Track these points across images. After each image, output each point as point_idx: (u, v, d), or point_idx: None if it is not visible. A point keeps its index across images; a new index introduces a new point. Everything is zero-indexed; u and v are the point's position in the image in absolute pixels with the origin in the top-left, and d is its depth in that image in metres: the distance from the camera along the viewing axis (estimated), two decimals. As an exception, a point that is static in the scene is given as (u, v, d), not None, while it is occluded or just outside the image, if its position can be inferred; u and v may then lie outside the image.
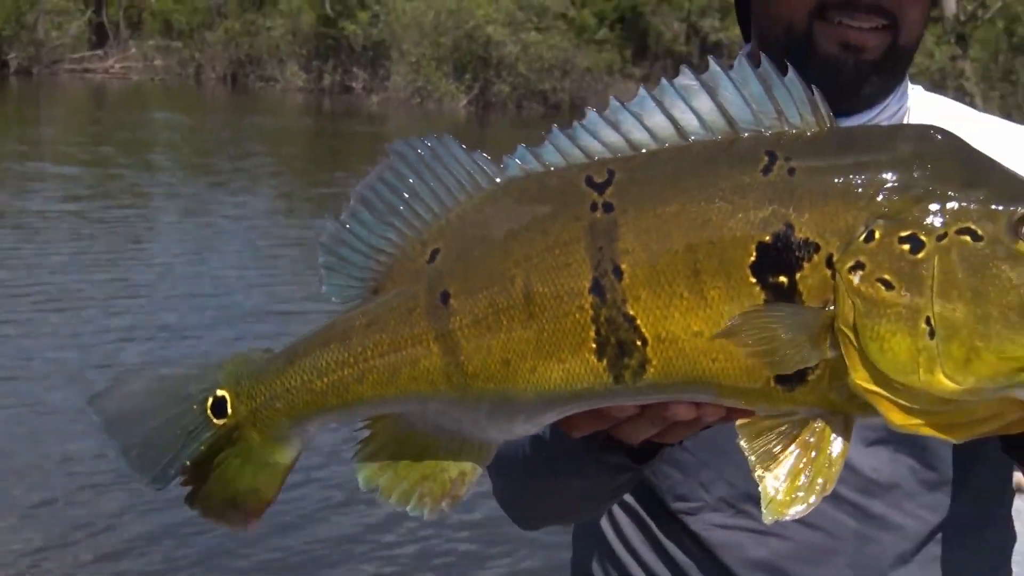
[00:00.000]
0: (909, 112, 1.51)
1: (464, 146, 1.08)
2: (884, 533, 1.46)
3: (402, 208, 1.08)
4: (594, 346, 1.01)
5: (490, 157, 1.08)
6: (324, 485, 5.90)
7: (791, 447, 0.98)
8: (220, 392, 1.12)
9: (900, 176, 0.97)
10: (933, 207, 0.95)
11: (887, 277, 0.94)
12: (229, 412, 1.12)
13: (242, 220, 14.10)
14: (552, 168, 1.05)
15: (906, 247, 0.95)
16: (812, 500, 0.96)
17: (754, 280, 0.97)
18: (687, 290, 0.99)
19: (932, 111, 1.52)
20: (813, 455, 0.97)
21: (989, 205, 0.95)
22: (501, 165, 1.07)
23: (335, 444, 5.62)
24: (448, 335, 1.05)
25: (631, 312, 1.00)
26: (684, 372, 1.00)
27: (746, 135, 1.00)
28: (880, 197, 0.96)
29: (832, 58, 1.39)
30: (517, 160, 1.06)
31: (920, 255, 0.94)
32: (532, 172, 1.06)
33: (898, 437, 1.45)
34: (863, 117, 1.44)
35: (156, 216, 14.24)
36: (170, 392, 1.13)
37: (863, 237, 0.95)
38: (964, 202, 0.95)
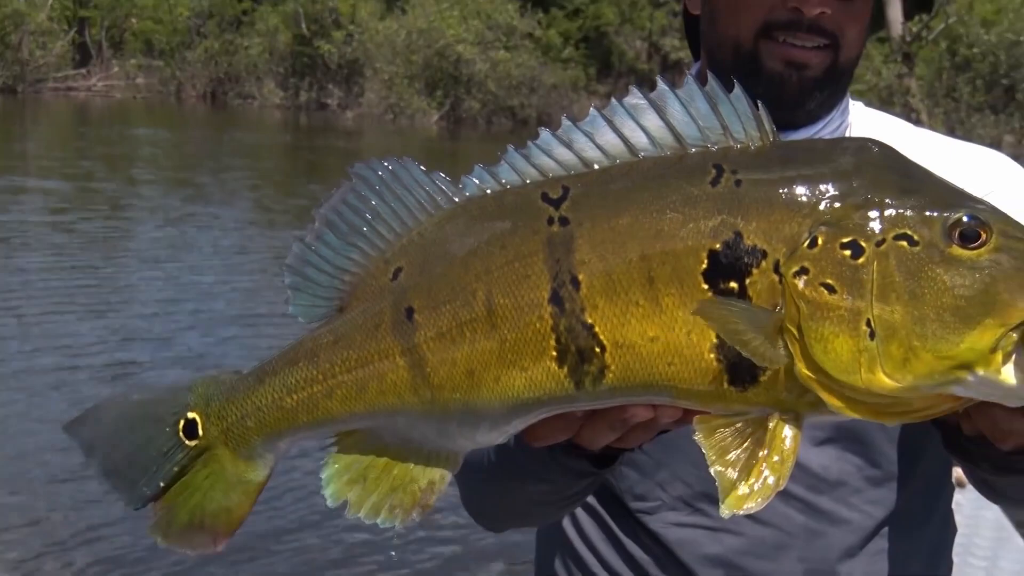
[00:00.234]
0: (850, 127, 1.52)
1: (423, 167, 1.07)
2: (832, 528, 1.47)
3: (365, 229, 1.07)
4: (555, 354, 1.01)
5: (450, 177, 1.08)
6: (300, 498, 5.80)
7: (745, 444, 0.98)
8: (191, 414, 1.11)
9: (841, 186, 0.97)
10: (872, 214, 0.96)
11: (830, 281, 0.95)
12: (200, 433, 1.10)
13: (220, 231, 14.01)
14: (508, 186, 1.05)
15: (847, 252, 0.95)
16: (766, 495, 0.96)
17: (706, 286, 0.98)
18: (642, 297, 0.99)
19: (872, 125, 1.53)
20: (766, 452, 0.97)
21: (924, 212, 0.96)
22: (459, 185, 1.07)
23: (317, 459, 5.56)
24: (414, 349, 1.05)
25: (589, 320, 1.00)
26: (642, 376, 1.00)
27: (694, 150, 1.00)
28: (822, 206, 0.97)
29: (777, 74, 1.40)
30: (474, 180, 1.06)
31: (860, 260, 0.95)
32: (489, 190, 1.06)
33: (845, 436, 1.46)
34: (808, 131, 1.45)
35: (136, 227, 14.12)
36: (142, 416, 1.12)
37: (807, 243, 0.96)
38: (901, 209, 0.96)
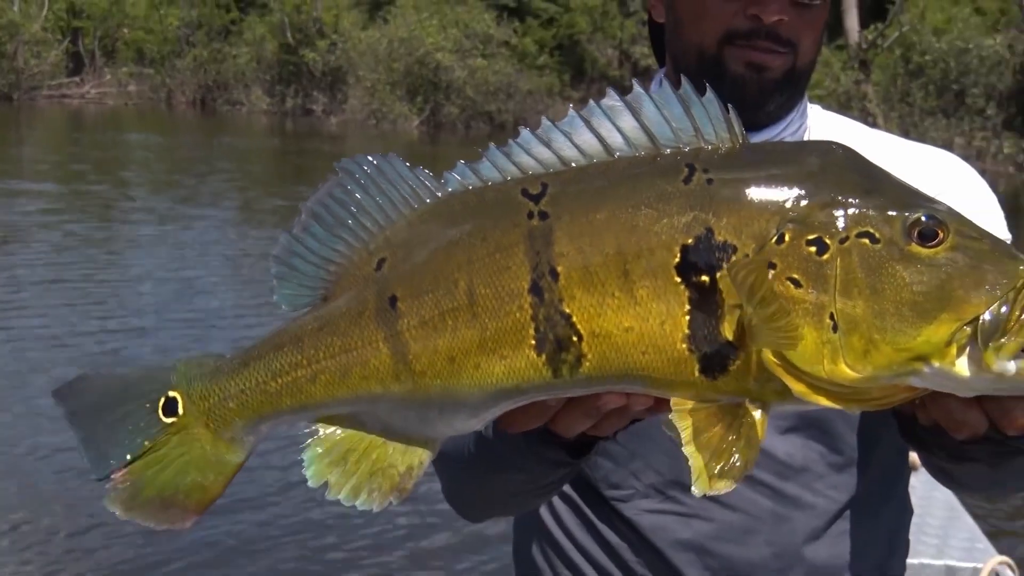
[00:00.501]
0: (809, 129, 1.53)
1: (408, 163, 1.07)
2: (798, 512, 1.47)
3: (350, 221, 1.06)
4: (534, 342, 1.00)
5: (433, 173, 1.07)
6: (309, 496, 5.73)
7: (716, 429, 0.98)
8: (172, 393, 1.09)
9: (807, 186, 0.97)
10: (836, 213, 0.96)
11: (796, 276, 0.95)
12: (180, 412, 1.09)
13: (209, 231, 13.96)
14: (489, 182, 1.04)
15: (813, 249, 0.95)
16: (735, 477, 0.96)
17: (679, 279, 0.97)
18: (618, 289, 0.98)
19: (830, 127, 1.55)
20: (735, 437, 0.97)
21: (886, 211, 0.96)
22: (442, 180, 1.06)
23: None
24: (396, 336, 1.04)
25: (567, 310, 0.99)
26: (617, 365, 0.99)
27: (667, 150, 1.00)
28: (789, 204, 0.97)
29: (739, 77, 1.41)
30: (457, 175, 1.05)
31: (825, 256, 0.95)
32: (471, 186, 1.05)
33: (809, 425, 1.46)
34: (769, 132, 1.46)
35: (128, 227, 14.05)
36: (123, 390, 1.10)
37: (775, 240, 0.96)
38: (863, 209, 0.96)
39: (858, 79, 29.44)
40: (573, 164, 1.02)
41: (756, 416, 0.98)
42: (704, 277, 0.97)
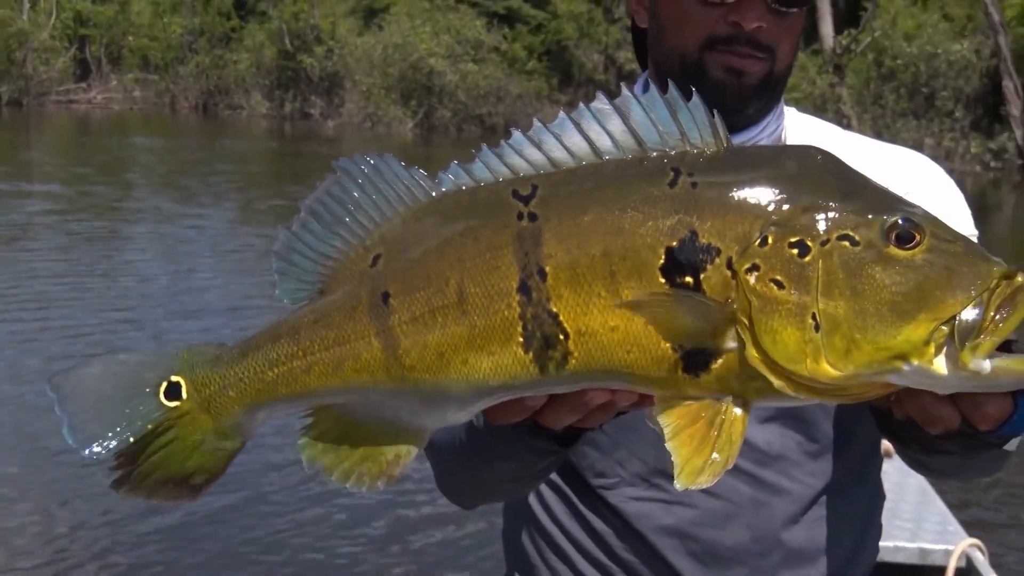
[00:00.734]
0: (786, 130, 1.53)
1: (403, 163, 1.06)
2: (776, 498, 1.47)
3: (347, 218, 1.06)
4: (521, 340, 0.99)
5: (427, 173, 1.06)
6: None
7: (698, 426, 0.97)
8: (175, 378, 1.08)
9: (789, 189, 0.97)
10: (818, 216, 0.95)
11: (779, 278, 0.94)
12: (183, 397, 1.08)
13: (211, 228, 13.93)
14: (482, 183, 1.03)
15: (795, 251, 0.95)
16: (717, 471, 0.96)
17: (663, 281, 0.97)
18: (604, 289, 0.98)
19: (806, 129, 1.55)
20: (716, 433, 0.97)
21: (865, 214, 0.95)
22: (436, 180, 1.05)
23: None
24: (388, 331, 1.03)
25: (554, 309, 0.98)
26: (602, 362, 0.99)
27: (654, 154, 0.99)
28: (772, 208, 0.96)
29: (720, 82, 1.40)
30: (450, 176, 1.04)
31: (807, 258, 0.94)
32: (464, 186, 1.04)
33: (787, 415, 1.46)
34: (748, 134, 1.46)
35: (133, 225, 14.03)
36: (127, 374, 1.09)
37: (758, 242, 0.95)
38: (844, 212, 0.96)
39: (833, 82, 29.52)
40: (563, 166, 1.01)
41: (737, 413, 0.98)
42: (688, 278, 0.96)
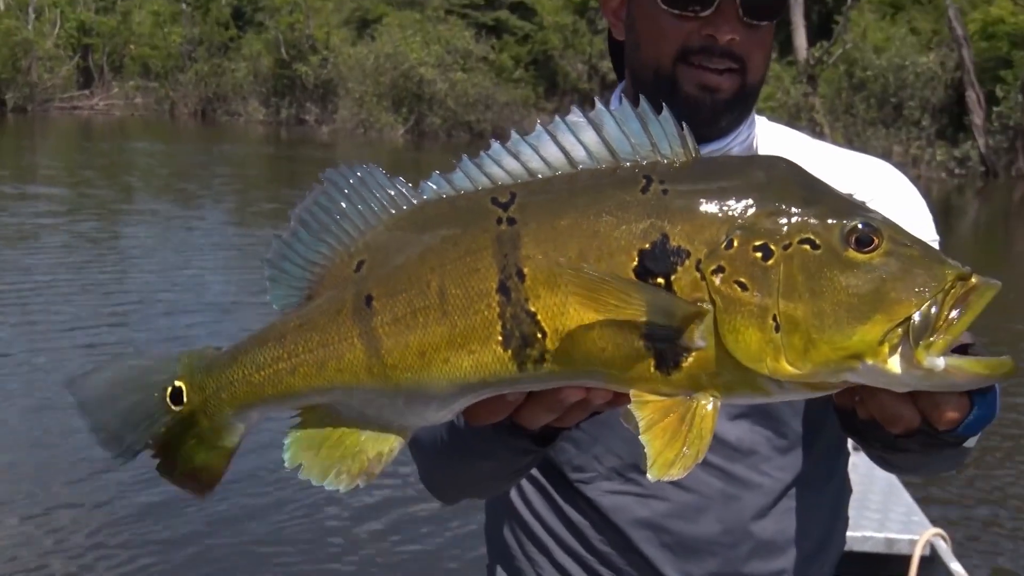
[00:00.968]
0: (757, 139, 1.53)
1: (387, 173, 1.06)
2: (746, 492, 1.47)
3: (333, 227, 1.06)
4: (500, 338, 0.99)
5: (418, 177, 1.06)
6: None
7: (670, 420, 0.97)
8: (178, 383, 1.09)
9: (754, 196, 0.97)
10: (781, 221, 0.96)
11: (743, 279, 0.95)
12: (185, 401, 1.09)
13: (209, 230, 13.89)
14: (462, 191, 1.04)
15: (759, 255, 0.95)
16: (688, 465, 0.96)
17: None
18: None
19: (776, 138, 1.55)
20: (688, 428, 0.97)
21: (825, 219, 0.96)
22: (418, 189, 1.06)
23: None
24: (371, 332, 1.03)
25: (532, 309, 0.98)
26: (578, 360, 0.99)
27: (626, 164, 1.00)
28: (738, 213, 0.97)
29: (692, 98, 1.40)
30: (432, 185, 1.05)
31: (770, 261, 0.95)
32: (445, 195, 1.04)
33: (756, 411, 1.46)
34: (720, 143, 1.46)
35: (133, 227, 13.97)
36: (135, 380, 1.11)
37: (724, 245, 0.96)
38: (805, 217, 0.96)
39: (806, 92, 29.64)
40: (540, 175, 1.01)
41: (707, 408, 0.98)
42: (659, 279, 0.96)
